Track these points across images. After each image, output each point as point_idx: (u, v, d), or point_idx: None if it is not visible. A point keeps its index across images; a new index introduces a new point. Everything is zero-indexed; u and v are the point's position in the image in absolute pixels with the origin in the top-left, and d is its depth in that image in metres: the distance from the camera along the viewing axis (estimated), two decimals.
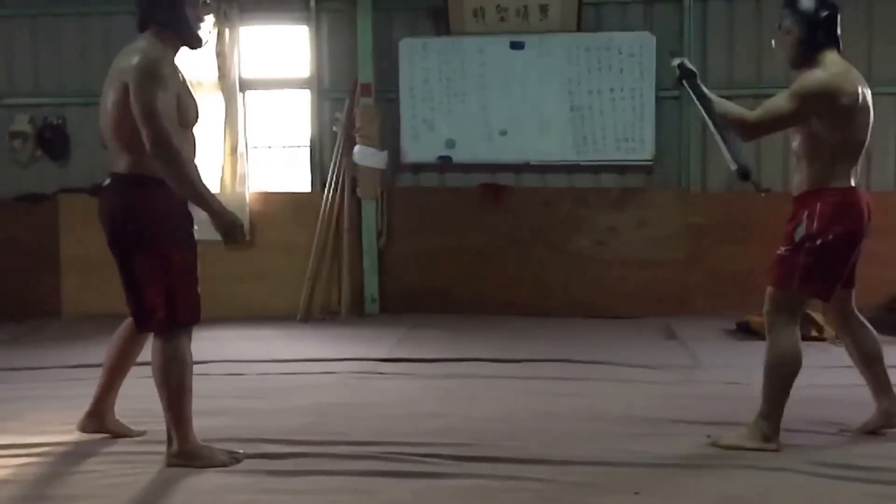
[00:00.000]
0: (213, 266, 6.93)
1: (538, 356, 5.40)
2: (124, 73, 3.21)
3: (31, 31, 7.40)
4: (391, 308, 7.12)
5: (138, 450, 3.53)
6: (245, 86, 7.26)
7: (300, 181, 7.43)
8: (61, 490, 3.14)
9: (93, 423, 3.66)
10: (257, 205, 7.18)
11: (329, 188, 7.06)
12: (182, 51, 3.43)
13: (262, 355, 5.51)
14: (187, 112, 3.36)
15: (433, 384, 4.76)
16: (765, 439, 3.51)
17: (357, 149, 6.93)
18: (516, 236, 7.06)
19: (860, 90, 3.46)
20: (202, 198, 3.25)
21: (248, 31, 7.28)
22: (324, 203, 7.05)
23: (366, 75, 6.98)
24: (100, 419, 3.66)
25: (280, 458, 3.43)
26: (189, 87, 3.44)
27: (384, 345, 5.80)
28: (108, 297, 3.95)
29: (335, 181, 7.06)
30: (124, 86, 3.20)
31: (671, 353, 5.57)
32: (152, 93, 3.15)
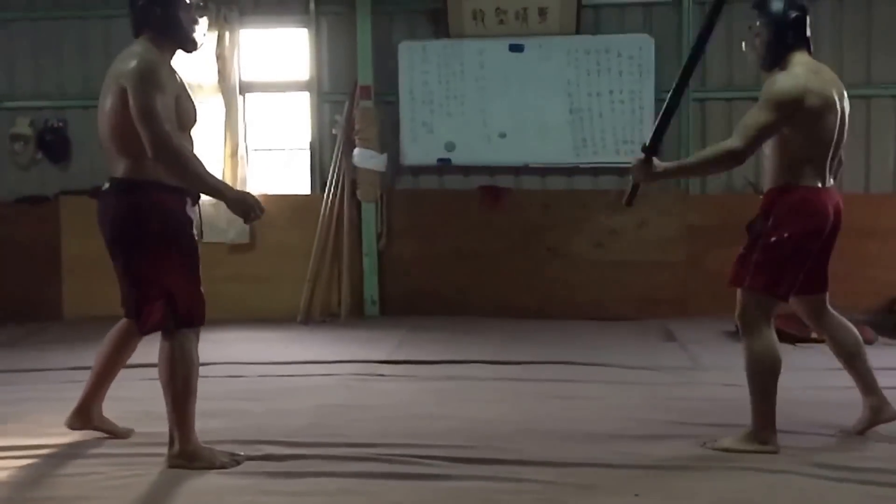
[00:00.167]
0: (213, 268, 6.97)
1: (538, 358, 5.41)
2: (121, 77, 3.22)
3: (32, 33, 7.40)
4: (391, 310, 7.13)
5: (140, 451, 3.54)
6: (245, 88, 7.28)
7: (300, 184, 7.44)
8: (63, 491, 3.15)
9: (80, 419, 3.67)
10: None
11: (329, 191, 7.07)
12: (178, 54, 3.44)
13: (263, 357, 5.51)
14: (186, 115, 3.36)
15: (433, 386, 4.77)
16: (761, 441, 3.51)
17: (357, 151, 6.94)
18: (516, 238, 7.07)
19: (829, 90, 3.45)
20: (214, 189, 3.28)
21: (247, 33, 7.29)
22: (324, 205, 7.06)
23: (365, 78, 6.98)
24: (87, 416, 3.67)
25: (280, 459, 3.44)
26: (187, 90, 3.44)
27: (384, 347, 5.80)
28: (110, 299, 3.95)
29: (335, 184, 7.06)
30: (121, 90, 3.20)
31: (670, 354, 5.58)
32: (151, 96, 3.16)
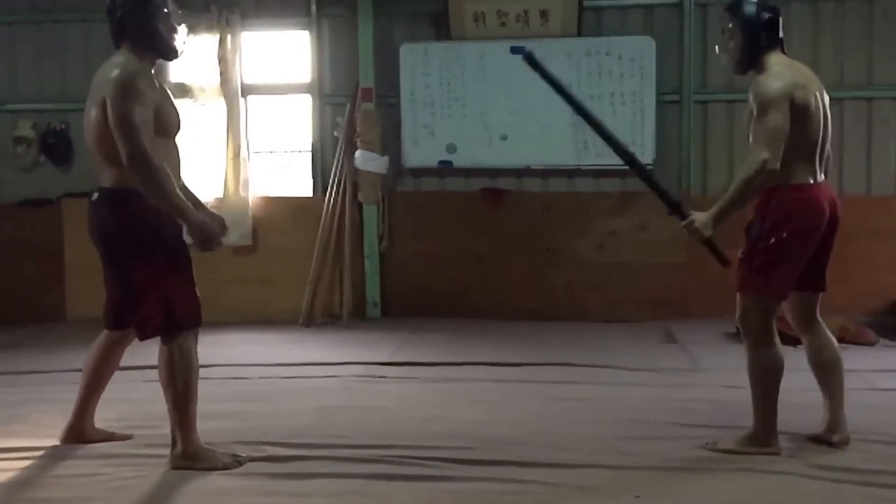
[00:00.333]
0: (216, 270, 7.03)
1: (539, 360, 5.41)
2: (102, 87, 3.24)
3: (35, 36, 7.41)
4: (393, 312, 7.14)
5: (142, 452, 3.56)
6: (247, 91, 7.29)
7: (302, 186, 7.44)
8: (66, 493, 3.17)
9: (74, 435, 3.68)
10: (259, 209, 7.20)
11: (330, 193, 7.07)
12: (159, 63, 3.46)
13: (265, 359, 5.53)
14: (169, 122, 3.38)
15: (435, 388, 4.78)
16: (763, 444, 3.51)
17: (358, 153, 6.95)
18: (517, 240, 7.07)
19: (811, 86, 3.46)
20: (179, 210, 3.25)
21: (249, 36, 7.30)
22: (325, 208, 7.06)
23: (367, 80, 6.99)
24: (80, 430, 3.69)
25: (283, 460, 3.46)
26: (170, 97, 3.47)
27: (386, 348, 5.81)
28: None
29: (337, 186, 7.07)
30: (104, 101, 3.23)
31: (672, 356, 5.58)
32: (128, 106, 3.17)
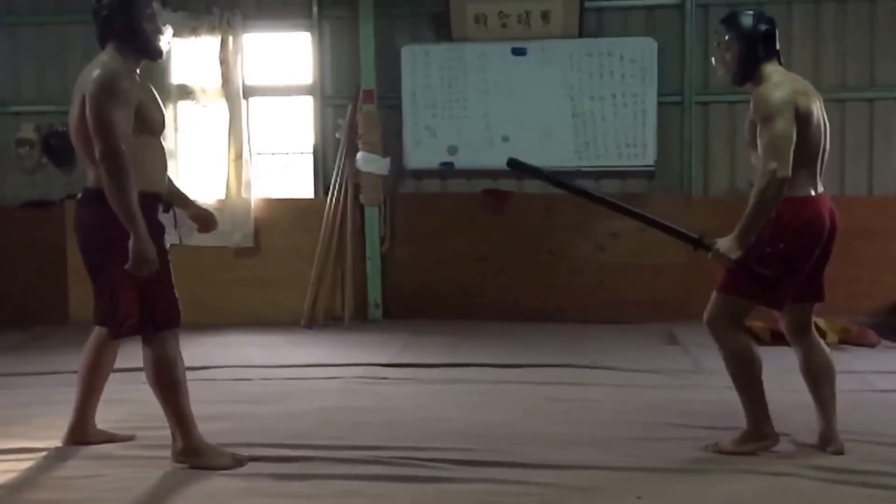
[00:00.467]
0: (218, 272, 7.04)
1: (541, 361, 5.42)
2: (88, 84, 3.25)
3: (37, 39, 7.43)
4: (394, 313, 7.14)
5: (144, 454, 3.56)
6: (248, 93, 7.30)
7: (303, 187, 7.45)
8: (69, 494, 3.17)
9: (76, 436, 3.69)
10: (261, 211, 7.21)
11: (332, 194, 7.08)
12: (144, 63, 3.47)
13: (266, 360, 5.53)
14: (152, 120, 3.39)
15: (437, 389, 4.78)
16: (760, 437, 3.54)
17: (360, 155, 6.95)
18: (518, 242, 7.07)
19: (810, 96, 3.45)
20: (131, 220, 3.20)
21: (251, 38, 7.31)
22: (327, 209, 7.07)
23: (368, 82, 7.00)
24: (82, 432, 3.69)
25: (285, 461, 3.46)
26: (155, 96, 3.48)
27: (388, 350, 5.82)
28: None
29: (338, 187, 7.08)
30: (84, 99, 3.24)
31: (673, 357, 5.58)
32: (107, 106, 3.18)
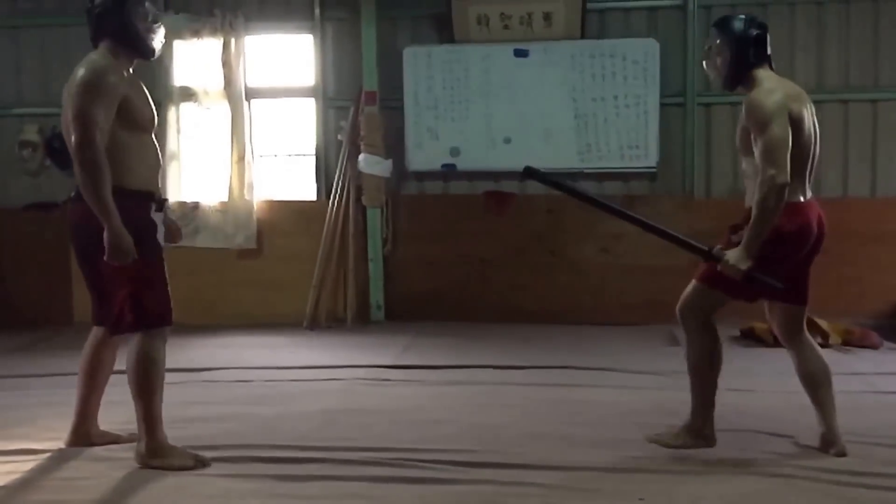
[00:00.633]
0: (220, 273, 7.04)
1: (543, 363, 5.41)
2: (70, 85, 3.28)
3: (40, 40, 7.43)
4: (397, 315, 7.14)
5: None
6: (251, 94, 7.30)
7: (306, 189, 7.45)
8: (71, 496, 3.17)
9: (78, 438, 3.69)
10: (264, 213, 7.21)
11: (334, 196, 7.08)
12: (137, 62, 3.48)
13: (269, 362, 5.53)
14: (141, 115, 3.40)
15: (439, 391, 4.78)
16: (698, 434, 3.55)
17: (362, 157, 6.96)
18: (520, 243, 7.07)
19: (801, 102, 3.44)
20: (105, 211, 3.20)
21: (253, 40, 7.32)
22: (329, 211, 7.07)
23: (370, 83, 7.00)
24: (85, 433, 3.70)
25: (288, 463, 3.46)
26: (145, 92, 3.49)
27: (390, 352, 5.82)
28: None
29: (340, 189, 7.08)
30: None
31: (676, 359, 5.53)
32: (86, 99, 3.20)
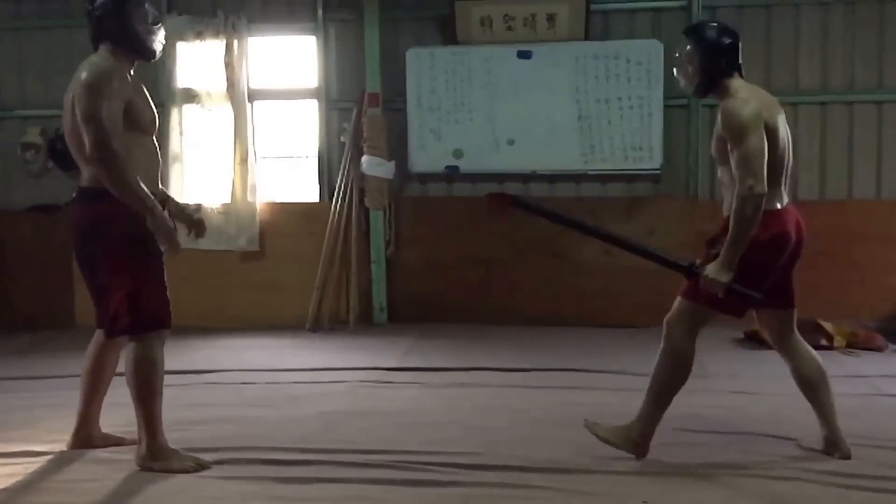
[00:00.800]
0: (223, 276, 7.04)
1: (546, 365, 5.40)
2: (74, 87, 3.28)
3: (43, 42, 7.44)
4: (399, 317, 7.13)
5: None
6: (253, 96, 7.29)
7: (308, 191, 7.45)
8: (72, 498, 3.17)
9: (80, 440, 3.68)
10: (266, 215, 7.20)
11: (337, 198, 7.07)
12: (137, 63, 3.48)
13: (271, 364, 5.52)
14: (142, 117, 3.41)
15: (442, 393, 4.77)
16: (633, 443, 3.51)
17: (365, 159, 6.95)
18: (524, 245, 7.05)
19: (774, 111, 3.43)
20: (141, 202, 3.25)
21: (255, 41, 7.31)
22: (332, 213, 7.06)
23: (373, 85, 6.99)
24: (87, 436, 3.69)
25: (290, 465, 3.45)
26: (146, 94, 3.50)
27: (393, 354, 5.81)
28: None
29: (343, 191, 7.07)
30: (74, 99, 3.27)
31: None
32: (94, 101, 3.21)
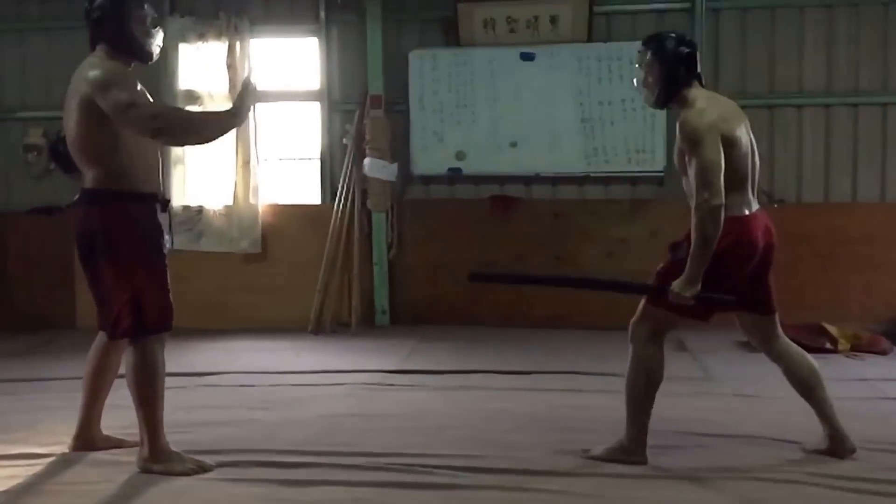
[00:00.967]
0: (225, 278, 7.03)
1: (548, 368, 5.39)
2: (83, 85, 3.27)
3: (45, 44, 7.44)
4: (401, 320, 7.12)
5: None
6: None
7: (311, 193, 7.44)
8: (73, 500, 3.15)
9: (82, 442, 3.68)
10: (269, 217, 7.20)
11: (339, 200, 7.07)
12: (134, 65, 3.49)
13: (273, 366, 5.51)
14: None
15: (444, 396, 4.76)
16: (628, 453, 3.50)
17: (367, 161, 6.95)
18: (526, 248, 7.04)
19: (734, 119, 3.41)
20: (218, 122, 3.40)
21: (258, 43, 7.32)
22: (334, 215, 7.06)
23: (376, 87, 6.99)
24: (89, 438, 3.68)
25: (292, 467, 3.44)
26: (146, 94, 3.49)
27: (395, 356, 5.80)
28: None
29: (345, 193, 7.07)
30: (82, 101, 3.26)
31: (682, 365, 5.53)
32: (122, 90, 3.23)
